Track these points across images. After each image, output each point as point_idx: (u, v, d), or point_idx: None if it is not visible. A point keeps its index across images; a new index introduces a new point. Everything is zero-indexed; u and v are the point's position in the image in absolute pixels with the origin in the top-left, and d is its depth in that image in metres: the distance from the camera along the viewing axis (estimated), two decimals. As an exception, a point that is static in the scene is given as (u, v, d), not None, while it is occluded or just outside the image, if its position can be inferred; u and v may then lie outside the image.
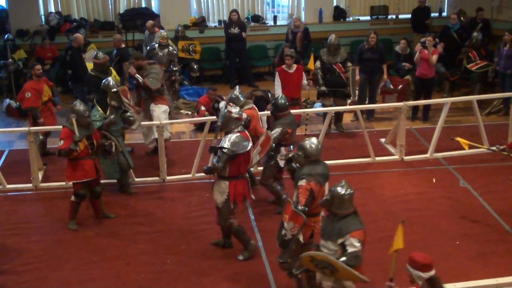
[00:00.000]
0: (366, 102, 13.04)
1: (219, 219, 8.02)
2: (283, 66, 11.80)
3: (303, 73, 11.96)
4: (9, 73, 14.41)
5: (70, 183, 9.00)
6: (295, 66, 11.72)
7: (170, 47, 13.05)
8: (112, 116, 9.47)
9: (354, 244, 5.92)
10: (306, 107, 12.33)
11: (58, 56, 15.07)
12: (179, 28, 15.02)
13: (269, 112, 9.69)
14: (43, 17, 16.19)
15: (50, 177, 10.67)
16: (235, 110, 7.82)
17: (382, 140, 11.91)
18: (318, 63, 12.31)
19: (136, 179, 10.34)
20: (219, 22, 16.64)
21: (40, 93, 11.11)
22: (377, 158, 11.13)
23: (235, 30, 15.22)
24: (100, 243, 8.61)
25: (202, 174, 8.83)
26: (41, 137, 11.32)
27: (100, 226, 9.05)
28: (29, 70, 11.56)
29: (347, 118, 13.13)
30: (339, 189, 6.12)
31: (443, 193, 9.96)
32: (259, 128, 9.41)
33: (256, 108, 9.57)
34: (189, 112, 13.89)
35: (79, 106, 8.76)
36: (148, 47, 13.28)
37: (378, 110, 13.45)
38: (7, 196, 10.02)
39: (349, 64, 12.30)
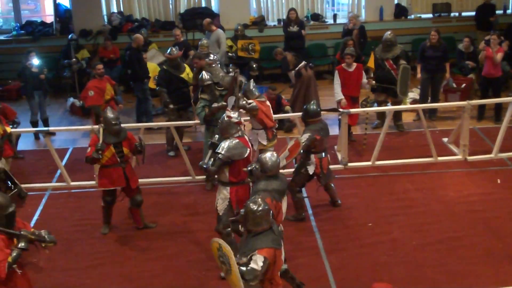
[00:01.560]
0: (429, 101, 12.81)
1: (217, 226, 7.75)
2: (342, 64, 11.69)
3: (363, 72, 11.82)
4: (73, 72, 14.70)
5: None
6: (355, 64, 11.60)
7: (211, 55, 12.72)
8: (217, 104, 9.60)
9: (256, 262, 5.65)
10: (366, 106, 12.18)
11: (119, 56, 15.31)
12: (239, 27, 15.05)
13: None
14: (105, 17, 16.50)
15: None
16: (234, 115, 7.66)
17: (445, 139, 11.67)
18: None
19: (196, 177, 10.41)
20: (278, 21, 16.64)
21: (103, 92, 11.32)
22: (440, 158, 10.92)
23: (294, 29, 15.17)
24: (162, 240, 8.70)
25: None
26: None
27: (161, 224, 9.14)
28: (92, 69, 11.78)
29: (408, 117, 12.92)
30: (251, 205, 5.86)
31: (508, 194, 9.70)
32: (267, 120, 9.41)
33: (269, 104, 9.64)
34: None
35: (109, 113, 8.57)
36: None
37: (441, 109, 13.20)
38: (71, 193, 10.23)
39: (401, 61, 11.99)
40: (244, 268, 5.65)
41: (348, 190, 10.01)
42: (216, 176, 7.66)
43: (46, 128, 11.36)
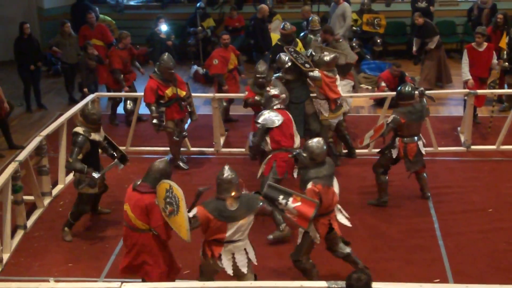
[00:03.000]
0: None
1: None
2: (472, 44, 11.22)
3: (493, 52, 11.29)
4: (198, 40, 15.00)
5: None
6: (485, 44, 11.10)
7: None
8: None
9: (193, 211, 6.06)
10: (494, 88, 11.68)
11: (244, 25, 15.45)
12: (365, 1, 14.80)
13: None
14: (232, -14, 16.66)
15: (231, 143, 11.02)
16: (272, 90, 8.38)
17: None
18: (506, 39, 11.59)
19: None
20: (407, -5, 16.20)
21: (227, 61, 11.48)
22: None
23: (423, 4, 14.73)
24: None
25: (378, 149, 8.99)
26: (224, 103, 11.70)
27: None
28: (216, 38, 11.94)
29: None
30: (219, 172, 6.24)
31: None
32: (329, 92, 9.33)
33: (336, 76, 9.51)
34: (369, 87, 13.69)
35: None
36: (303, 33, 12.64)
37: None
38: (191, 158, 10.48)
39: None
40: (191, 215, 6.05)
41: (470, 173, 9.68)
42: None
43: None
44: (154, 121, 9.54)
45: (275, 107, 8.30)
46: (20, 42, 12.50)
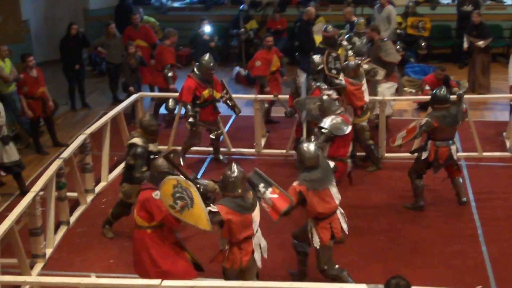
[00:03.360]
0: None
1: None
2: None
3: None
4: (240, 42, 15.04)
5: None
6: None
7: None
8: None
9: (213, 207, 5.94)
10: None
11: (286, 28, 15.44)
12: (410, 4, 14.67)
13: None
14: (276, -12, 16.66)
15: (272, 144, 11.02)
16: (332, 92, 8.12)
17: None
18: None
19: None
20: (452, -1, 16.00)
21: (270, 63, 11.49)
22: None
23: (469, 8, 14.51)
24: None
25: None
26: (266, 105, 11.69)
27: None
28: (258, 40, 11.95)
29: None
30: (227, 172, 6.11)
31: None
32: (354, 100, 9.31)
33: (362, 82, 9.41)
34: (413, 90, 13.55)
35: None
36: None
37: None
38: (231, 158, 10.45)
39: None
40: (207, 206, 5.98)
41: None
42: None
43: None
44: (190, 119, 9.53)
45: (338, 112, 8.02)
46: (66, 42, 12.71)
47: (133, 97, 10.71)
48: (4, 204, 9.01)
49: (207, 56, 9.63)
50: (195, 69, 9.67)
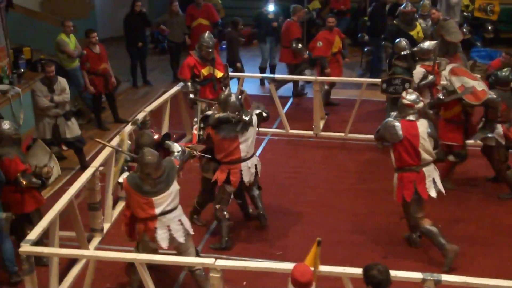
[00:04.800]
0: None
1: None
2: None
3: None
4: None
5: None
6: None
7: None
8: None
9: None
10: None
11: (349, 8, 15.21)
12: (478, -15, 14.24)
13: None
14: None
15: (330, 127, 10.92)
16: (409, 96, 7.14)
17: None
18: None
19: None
20: (524, -19, 15.42)
21: (331, 44, 11.37)
22: None
23: (541, -9, 14.01)
24: (372, 198, 8.60)
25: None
26: (326, 87, 11.58)
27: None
28: (321, 20, 11.80)
29: None
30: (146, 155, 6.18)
31: None
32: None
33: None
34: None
35: None
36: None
37: None
38: (290, 140, 10.46)
39: None
40: None
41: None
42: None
43: (271, 75, 11.67)
44: (191, 95, 9.53)
45: (406, 118, 7.13)
46: (130, 19, 12.82)
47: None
48: (64, 178, 9.19)
49: (206, 34, 9.70)
50: (196, 47, 9.69)
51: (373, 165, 9.53)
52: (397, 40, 9.54)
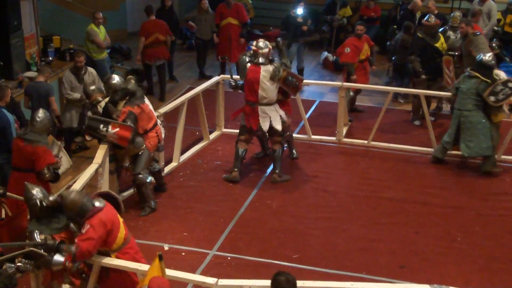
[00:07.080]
0: None
1: None
2: None
3: None
4: (333, 28, 14.85)
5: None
6: None
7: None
8: None
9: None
10: None
11: (380, 16, 15.15)
12: (512, 1, 14.10)
13: None
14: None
15: (353, 133, 10.87)
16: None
17: None
18: None
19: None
20: (559, -3, 15.22)
21: (359, 51, 11.30)
22: None
23: None
24: (392, 207, 8.56)
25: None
26: (351, 93, 11.52)
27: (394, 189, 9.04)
28: (351, 27, 11.74)
29: None
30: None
31: None
32: None
33: None
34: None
35: None
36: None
37: None
38: (312, 144, 10.42)
39: None
40: None
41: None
42: None
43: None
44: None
45: None
46: (160, 14, 12.84)
47: (215, 78, 10.67)
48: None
49: None
50: None
51: (395, 174, 9.48)
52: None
